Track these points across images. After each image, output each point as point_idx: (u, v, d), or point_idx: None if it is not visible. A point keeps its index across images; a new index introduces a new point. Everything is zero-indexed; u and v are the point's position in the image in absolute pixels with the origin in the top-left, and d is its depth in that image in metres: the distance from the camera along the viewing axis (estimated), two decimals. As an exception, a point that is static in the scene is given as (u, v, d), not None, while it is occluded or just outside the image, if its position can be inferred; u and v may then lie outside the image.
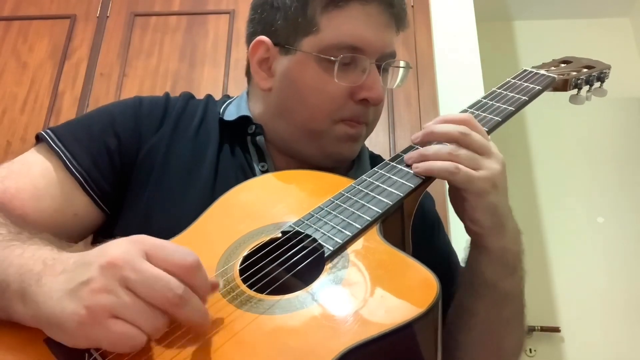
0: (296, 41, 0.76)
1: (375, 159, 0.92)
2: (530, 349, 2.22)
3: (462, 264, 0.76)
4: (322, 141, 0.78)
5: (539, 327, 2.20)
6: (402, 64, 0.83)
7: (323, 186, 0.71)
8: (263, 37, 0.79)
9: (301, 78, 0.77)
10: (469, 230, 0.69)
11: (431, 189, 0.73)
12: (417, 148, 0.70)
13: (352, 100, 0.76)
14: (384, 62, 0.78)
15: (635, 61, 2.69)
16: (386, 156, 0.84)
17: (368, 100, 0.76)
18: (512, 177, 0.70)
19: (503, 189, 0.67)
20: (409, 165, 0.69)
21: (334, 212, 0.63)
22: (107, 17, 2.09)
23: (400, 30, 0.81)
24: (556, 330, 2.22)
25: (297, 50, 0.76)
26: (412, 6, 2.02)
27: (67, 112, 1.91)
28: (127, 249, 0.48)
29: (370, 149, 0.93)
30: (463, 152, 0.65)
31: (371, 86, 0.76)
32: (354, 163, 0.86)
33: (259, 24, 0.81)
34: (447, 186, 0.73)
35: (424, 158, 0.67)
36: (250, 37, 0.82)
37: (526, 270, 0.73)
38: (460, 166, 0.64)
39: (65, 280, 0.48)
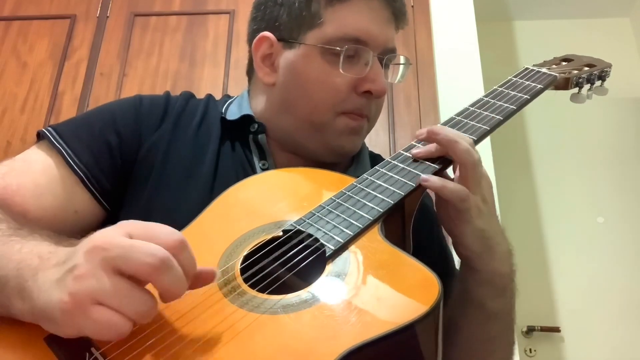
0: (300, 35, 0.78)
1: (375, 158, 0.92)
2: (530, 349, 2.22)
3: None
4: (325, 134, 0.79)
5: (539, 327, 2.20)
6: (402, 60, 0.85)
7: (324, 184, 0.71)
8: (267, 33, 0.80)
9: (305, 71, 0.77)
10: (459, 253, 0.70)
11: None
12: (418, 146, 0.70)
13: (355, 93, 0.77)
14: (386, 56, 0.79)
15: (635, 61, 2.69)
16: (386, 156, 0.83)
17: (371, 92, 0.77)
18: (512, 177, 0.69)
19: (489, 212, 0.67)
20: (410, 164, 0.69)
21: (335, 211, 0.63)
22: (107, 17, 2.09)
23: (399, 27, 0.82)
24: (556, 330, 2.22)
25: (301, 44, 0.77)
26: (412, 6, 2.02)
27: (67, 112, 1.90)
28: (111, 233, 0.48)
29: (370, 149, 0.93)
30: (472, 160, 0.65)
31: (374, 78, 0.77)
32: (353, 160, 0.86)
33: (262, 21, 0.82)
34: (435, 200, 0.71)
35: (433, 135, 0.67)
36: (253, 34, 0.83)
37: (518, 289, 0.73)
38: (470, 194, 0.64)
39: (55, 271, 0.48)
